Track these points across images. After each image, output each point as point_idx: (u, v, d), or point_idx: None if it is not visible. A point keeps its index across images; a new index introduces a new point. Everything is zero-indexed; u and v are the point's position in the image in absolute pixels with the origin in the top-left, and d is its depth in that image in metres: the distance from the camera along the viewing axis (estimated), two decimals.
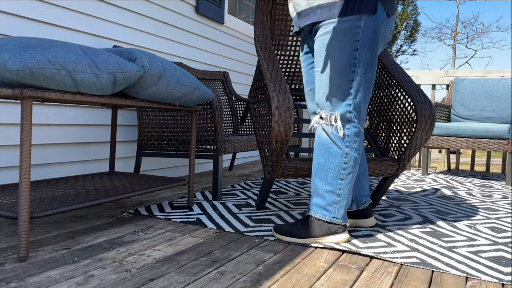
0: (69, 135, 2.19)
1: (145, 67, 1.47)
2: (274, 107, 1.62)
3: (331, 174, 1.46)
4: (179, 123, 2.25)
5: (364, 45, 1.40)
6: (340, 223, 1.47)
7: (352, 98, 1.43)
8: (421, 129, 1.79)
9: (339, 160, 1.46)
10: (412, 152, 1.86)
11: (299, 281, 1.13)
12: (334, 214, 1.47)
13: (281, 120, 1.62)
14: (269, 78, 1.73)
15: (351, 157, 1.45)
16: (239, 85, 3.94)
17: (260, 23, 2.03)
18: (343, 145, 1.45)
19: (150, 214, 1.81)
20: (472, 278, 1.20)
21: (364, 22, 1.38)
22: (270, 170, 1.77)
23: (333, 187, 1.46)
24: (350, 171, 1.46)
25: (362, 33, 1.39)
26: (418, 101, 1.82)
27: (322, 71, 1.46)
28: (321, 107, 1.49)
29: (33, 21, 1.97)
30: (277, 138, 1.63)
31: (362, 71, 1.43)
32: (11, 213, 1.21)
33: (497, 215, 2.00)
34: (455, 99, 3.68)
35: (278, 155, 1.70)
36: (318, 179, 1.49)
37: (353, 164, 1.46)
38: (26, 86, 1.18)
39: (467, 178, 3.42)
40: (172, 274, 1.15)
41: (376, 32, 1.41)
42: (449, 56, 44.21)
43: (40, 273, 1.12)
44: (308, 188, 2.61)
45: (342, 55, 1.40)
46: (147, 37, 2.68)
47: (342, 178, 1.46)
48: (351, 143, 1.45)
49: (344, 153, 1.45)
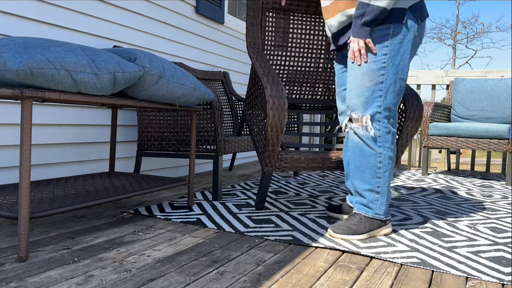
0: (69, 135, 2.19)
1: (145, 67, 1.47)
2: (268, 95, 1.69)
3: (368, 174, 1.56)
4: (179, 123, 2.25)
5: (393, 51, 1.51)
6: (382, 219, 1.57)
7: (382, 100, 1.53)
8: (411, 118, 1.85)
9: (374, 160, 1.55)
10: (404, 143, 1.90)
11: (299, 281, 1.13)
12: (376, 210, 1.57)
13: (275, 107, 1.68)
14: (262, 73, 1.82)
15: (385, 156, 1.55)
16: (239, 85, 3.94)
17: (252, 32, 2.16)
18: (376, 145, 1.54)
19: (150, 214, 1.81)
20: (472, 278, 1.20)
21: (392, 30, 1.50)
22: (268, 161, 1.79)
23: (371, 185, 1.56)
24: (386, 169, 1.56)
25: (391, 39, 1.51)
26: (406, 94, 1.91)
27: (355, 75, 1.57)
28: (352, 109, 1.58)
29: (33, 21, 1.97)
30: (272, 125, 1.67)
31: (391, 74, 1.52)
32: (11, 213, 1.21)
33: (497, 215, 2.00)
34: (455, 99, 3.68)
35: (274, 144, 1.73)
36: (357, 180, 1.59)
37: (388, 162, 1.55)
38: (26, 86, 1.18)
39: (467, 178, 3.42)
40: (172, 274, 1.15)
41: (405, 39, 1.52)
42: (449, 56, 44.21)
43: (40, 273, 1.12)
44: (309, 188, 2.61)
45: (372, 60, 1.52)
46: (147, 37, 2.68)
47: (379, 177, 1.56)
48: (383, 143, 1.54)
49: (378, 153, 1.55)
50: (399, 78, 1.54)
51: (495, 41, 35.61)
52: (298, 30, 2.47)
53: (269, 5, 2.37)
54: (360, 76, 1.54)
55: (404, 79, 1.56)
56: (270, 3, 2.36)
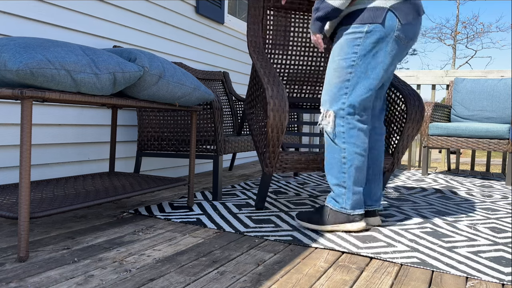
0: (69, 135, 2.19)
1: (145, 67, 1.47)
2: (269, 96, 1.70)
3: (335, 169, 1.60)
4: (179, 123, 2.25)
5: (364, 50, 1.52)
6: (350, 213, 1.59)
7: (347, 97, 1.56)
8: (412, 119, 1.85)
9: (338, 155, 1.59)
10: (405, 144, 1.90)
11: (299, 281, 1.13)
12: (342, 204, 1.59)
13: (276, 108, 1.69)
14: (263, 73, 1.83)
15: (349, 152, 1.57)
16: (239, 85, 3.94)
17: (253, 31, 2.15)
18: (340, 141, 1.57)
19: (150, 214, 1.81)
20: (472, 278, 1.20)
21: (367, 29, 1.51)
22: (268, 162, 1.79)
23: (338, 180, 1.59)
24: (351, 164, 1.57)
25: (363, 39, 1.52)
26: (407, 94, 1.90)
27: (328, 71, 1.62)
28: (322, 104, 1.64)
29: (33, 21, 1.97)
30: (273, 126, 1.68)
31: (359, 73, 1.54)
32: (11, 213, 1.21)
33: (497, 215, 2.00)
34: (455, 99, 3.68)
35: (275, 145, 1.73)
36: (328, 174, 1.64)
37: (354, 157, 1.56)
38: (26, 86, 1.18)
39: (467, 178, 3.42)
40: (172, 274, 1.15)
41: (381, 39, 1.51)
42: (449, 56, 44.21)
43: (40, 273, 1.12)
44: (309, 188, 2.61)
45: (342, 57, 1.56)
46: (147, 37, 2.68)
47: (344, 172, 1.58)
48: (348, 138, 1.57)
49: (342, 149, 1.57)
50: (368, 77, 1.54)
51: (495, 41, 35.60)
52: (299, 28, 2.47)
53: (271, 4, 2.37)
54: (331, 73, 1.59)
55: (376, 78, 1.55)
56: (271, 2, 2.36)
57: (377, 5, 1.51)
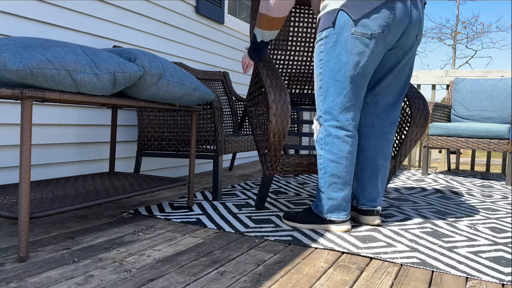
0: (69, 135, 2.19)
1: (145, 67, 1.47)
2: (271, 100, 1.70)
3: (319, 173, 1.65)
4: (179, 123, 2.25)
5: (327, 55, 1.55)
6: (326, 217, 1.62)
7: (322, 104, 1.60)
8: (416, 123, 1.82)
9: (317, 161, 1.68)
10: (408, 148, 1.88)
11: (299, 281, 1.13)
12: (319, 208, 1.64)
13: (278, 113, 1.69)
14: (266, 75, 1.81)
15: (324, 158, 1.60)
16: (239, 85, 3.94)
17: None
18: (318, 147, 1.63)
19: (150, 214, 1.81)
20: (472, 278, 1.20)
21: (325, 35, 1.54)
22: (269, 165, 1.79)
23: (319, 185, 1.64)
24: (324, 172, 1.60)
25: (324, 45, 1.55)
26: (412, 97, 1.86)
27: None
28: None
29: (33, 21, 1.97)
30: (275, 131, 1.68)
31: (327, 78, 1.56)
32: (11, 213, 1.21)
33: (497, 215, 2.00)
34: (455, 99, 3.68)
35: (276, 149, 1.73)
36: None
37: (328, 165, 1.59)
38: (26, 86, 1.18)
39: (467, 178, 3.42)
40: (172, 274, 1.15)
41: (338, 40, 1.51)
42: (449, 56, 44.22)
43: (40, 273, 1.12)
44: (308, 188, 2.61)
45: (315, 67, 1.62)
46: (147, 37, 2.68)
47: (321, 177, 1.63)
48: (324, 145, 1.60)
49: (319, 155, 1.62)
50: (336, 80, 1.54)
51: (495, 41, 35.60)
52: (301, 23, 2.46)
53: None
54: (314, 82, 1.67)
55: (343, 81, 1.52)
56: None
57: (330, 9, 1.52)
